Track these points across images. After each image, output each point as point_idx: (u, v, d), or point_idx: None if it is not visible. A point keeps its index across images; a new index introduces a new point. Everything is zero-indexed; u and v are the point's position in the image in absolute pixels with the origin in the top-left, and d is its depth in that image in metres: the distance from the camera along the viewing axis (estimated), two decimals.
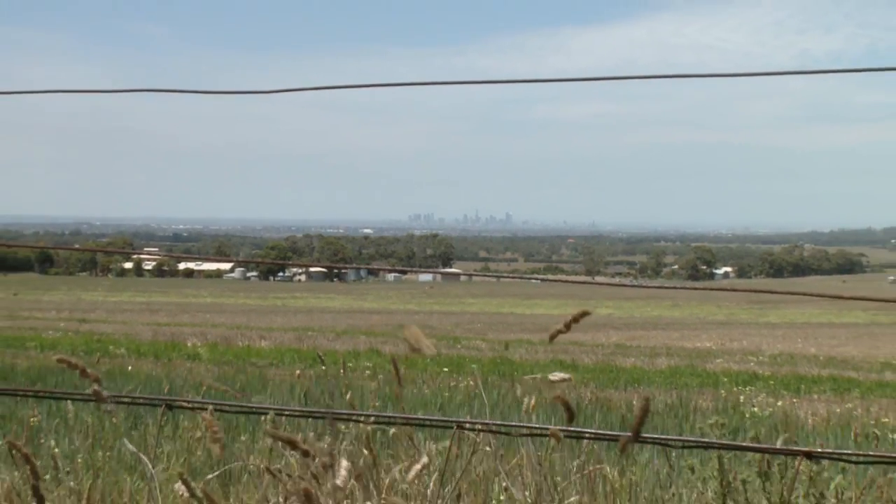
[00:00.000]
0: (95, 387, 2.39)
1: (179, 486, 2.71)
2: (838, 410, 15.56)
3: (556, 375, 3.82)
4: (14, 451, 3.32)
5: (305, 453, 2.55)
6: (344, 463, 2.51)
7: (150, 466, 4.09)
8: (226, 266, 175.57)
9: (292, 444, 2.54)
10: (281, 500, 2.58)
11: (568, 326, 2.35)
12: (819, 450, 2.28)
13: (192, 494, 2.59)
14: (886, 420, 13.13)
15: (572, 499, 4.77)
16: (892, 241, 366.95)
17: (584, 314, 2.34)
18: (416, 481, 2.67)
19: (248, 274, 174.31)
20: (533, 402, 6.05)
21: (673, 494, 5.59)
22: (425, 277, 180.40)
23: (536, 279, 7.95)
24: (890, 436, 11.32)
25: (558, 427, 2.52)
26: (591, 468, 5.05)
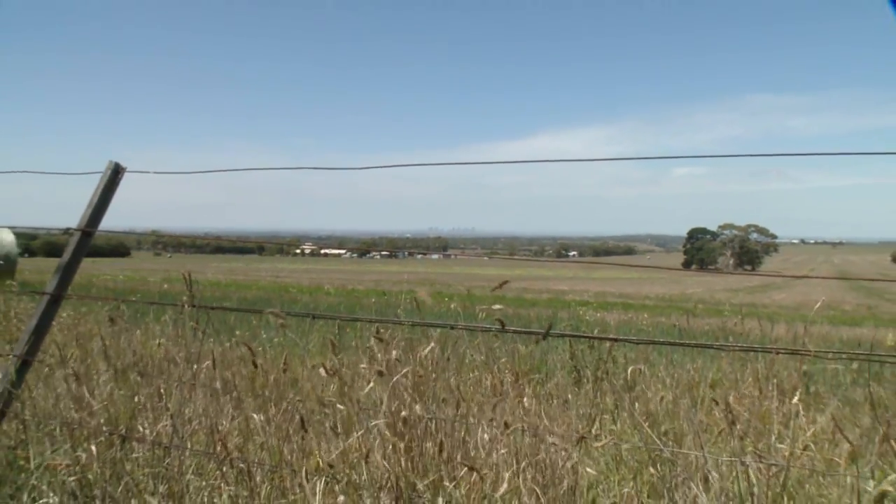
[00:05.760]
0: (278, 310, 2.38)
1: (319, 367, 2.67)
2: (625, 318, 15.60)
3: (497, 306, 3.78)
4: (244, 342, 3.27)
5: (381, 340, 2.52)
6: (394, 353, 2.49)
7: (303, 346, 4.05)
8: (342, 251, 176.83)
9: (379, 338, 2.51)
10: (366, 362, 2.55)
11: (501, 286, 2.35)
12: (621, 336, 2.27)
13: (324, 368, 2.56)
14: (647, 322, 13.14)
15: (503, 360, 4.78)
16: (649, 240, 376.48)
17: (506, 282, 2.35)
18: (429, 352, 2.67)
19: (352, 255, 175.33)
20: (483, 315, 5.97)
21: (549, 357, 5.59)
22: (434, 256, 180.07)
23: (486, 257, 7.94)
24: (646, 329, 11.32)
25: (497, 328, 2.50)
26: (511, 345, 5.05)
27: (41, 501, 2.18)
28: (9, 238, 20.16)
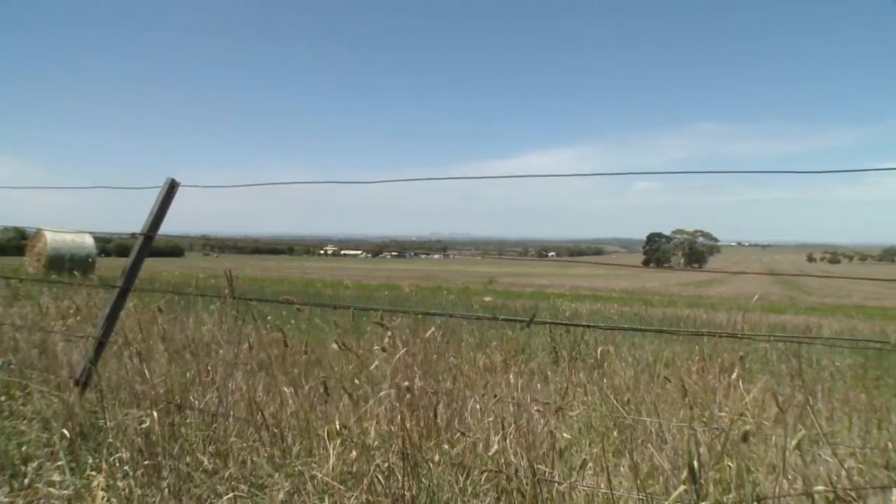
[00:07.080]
0: (292, 298, 2.38)
1: (335, 344, 2.65)
2: (595, 308, 15.45)
3: (487, 298, 3.76)
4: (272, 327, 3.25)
5: (385, 327, 2.52)
6: (397, 331, 2.48)
7: (326, 329, 4.03)
8: (359, 252, 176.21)
9: (381, 324, 2.51)
10: (378, 344, 2.55)
11: (490, 282, 2.35)
12: (592, 323, 2.27)
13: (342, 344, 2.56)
14: (613, 311, 13.02)
15: (494, 343, 4.76)
16: (614, 243, 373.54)
17: (492, 280, 2.35)
18: (431, 335, 2.67)
19: (367, 255, 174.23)
20: (477, 306, 5.95)
21: (532, 340, 5.57)
22: (435, 256, 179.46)
23: (480, 256, 7.83)
24: (613, 317, 11.23)
25: (488, 315, 2.50)
26: (500, 331, 5.03)
27: (116, 455, 2.21)
28: (89, 241, 20.57)
